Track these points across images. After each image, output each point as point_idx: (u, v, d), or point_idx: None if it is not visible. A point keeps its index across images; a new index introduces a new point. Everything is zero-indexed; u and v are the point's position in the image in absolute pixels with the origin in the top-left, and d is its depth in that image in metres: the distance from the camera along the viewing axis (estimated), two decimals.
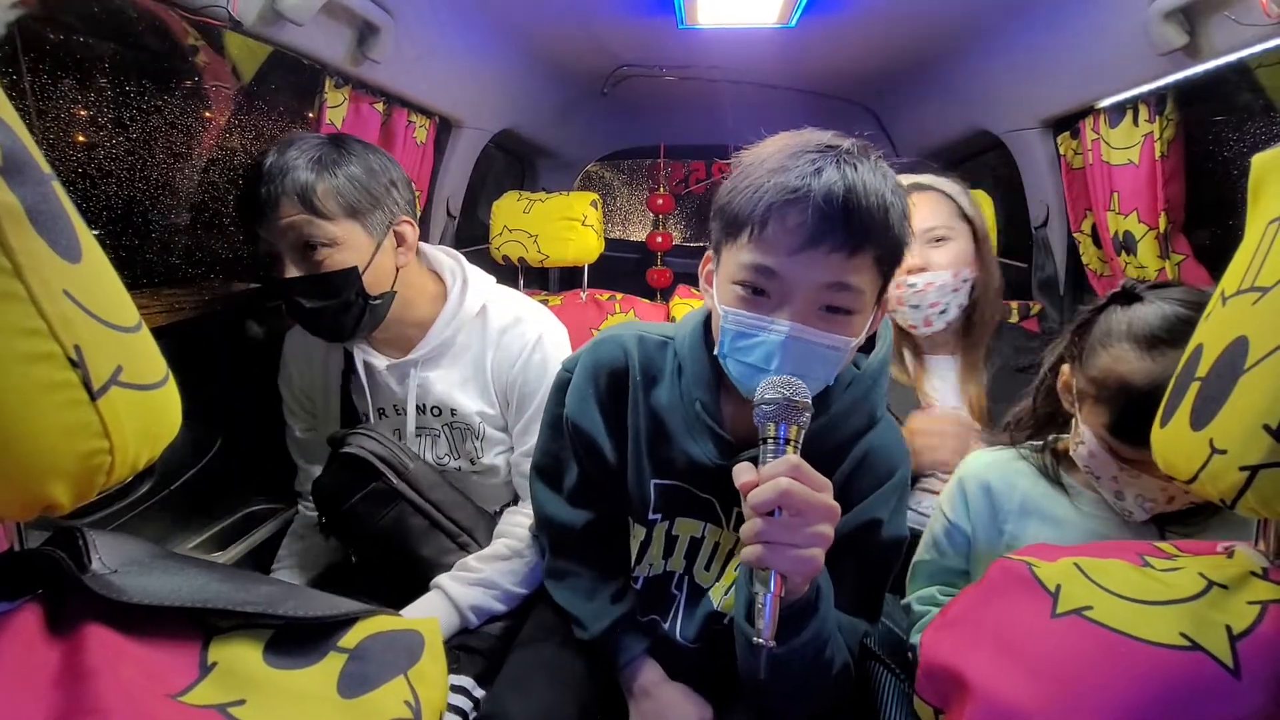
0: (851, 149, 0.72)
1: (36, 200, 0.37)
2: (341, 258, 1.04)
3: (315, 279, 1.04)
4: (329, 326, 1.09)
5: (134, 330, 0.43)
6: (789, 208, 0.70)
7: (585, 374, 0.93)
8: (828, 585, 0.77)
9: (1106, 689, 0.50)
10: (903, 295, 1.30)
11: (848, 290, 0.72)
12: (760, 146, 0.77)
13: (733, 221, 0.75)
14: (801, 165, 0.70)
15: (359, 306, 1.07)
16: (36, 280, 0.35)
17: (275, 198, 1.00)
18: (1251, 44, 1.04)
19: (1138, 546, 0.61)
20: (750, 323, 0.74)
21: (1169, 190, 1.34)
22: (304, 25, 1.10)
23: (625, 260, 3.08)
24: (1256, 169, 0.51)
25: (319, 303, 1.05)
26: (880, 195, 0.70)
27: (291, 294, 1.05)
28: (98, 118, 1.19)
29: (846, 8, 1.47)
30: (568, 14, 1.57)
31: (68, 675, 0.37)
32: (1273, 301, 0.45)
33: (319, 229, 1.02)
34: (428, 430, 1.21)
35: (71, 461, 0.37)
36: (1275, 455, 0.44)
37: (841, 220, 0.69)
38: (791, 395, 0.68)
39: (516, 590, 1.12)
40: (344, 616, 0.46)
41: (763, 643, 0.64)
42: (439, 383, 1.17)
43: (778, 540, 0.64)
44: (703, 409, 0.85)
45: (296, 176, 1.00)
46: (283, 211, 1.01)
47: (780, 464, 0.66)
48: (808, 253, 0.70)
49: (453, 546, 1.16)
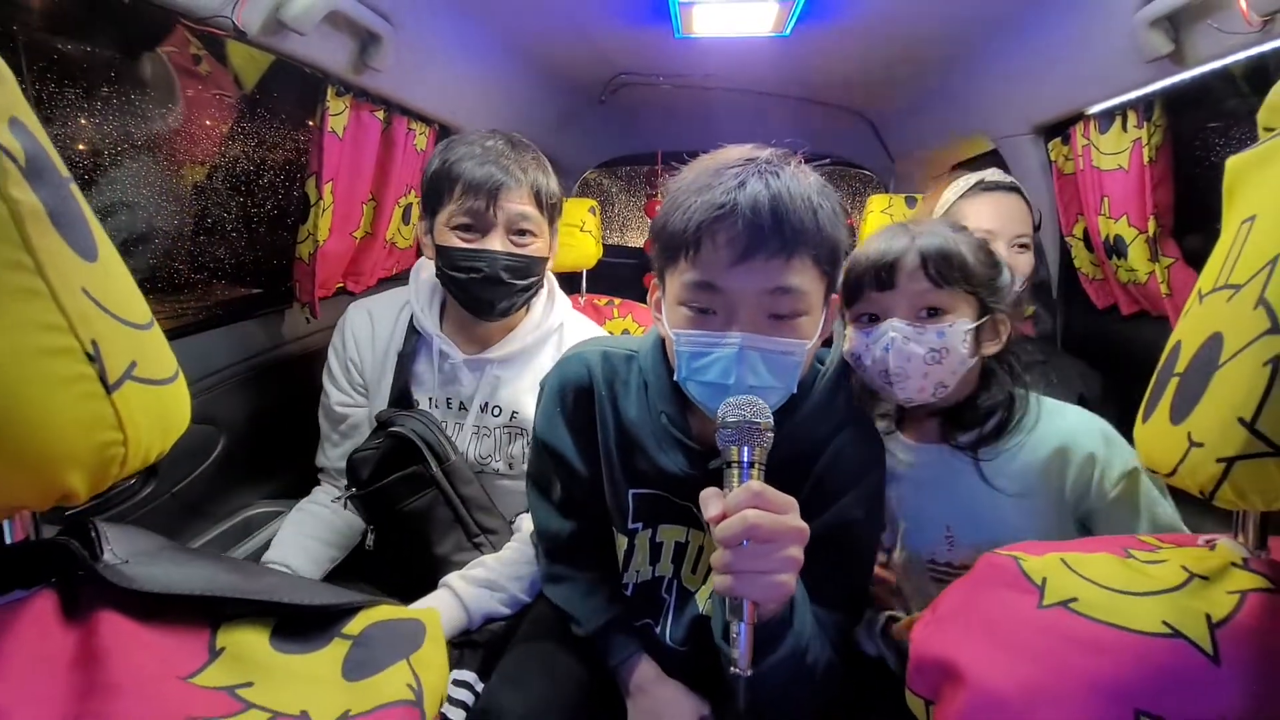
0: (771, 158, 0.74)
1: (57, 202, 0.39)
2: (540, 246, 1.20)
3: (520, 259, 1.17)
4: (502, 302, 1.19)
5: (146, 327, 0.45)
6: (718, 224, 0.71)
7: (551, 393, 0.95)
8: (801, 591, 0.77)
9: (1092, 676, 0.51)
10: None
11: (790, 293, 0.73)
12: (685, 170, 0.78)
13: (669, 246, 0.76)
14: (725, 181, 0.72)
15: (533, 292, 1.23)
16: (57, 277, 0.37)
17: (513, 184, 1.15)
18: (1235, 51, 1.06)
19: (1122, 540, 0.63)
20: (702, 341, 0.75)
21: (1157, 195, 1.36)
22: (307, 35, 1.12)
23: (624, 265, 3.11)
24: (1230, 171, 0.52)
25: (515, 280, 1.18)
26: (806, 198, 0.72)
27: (488, 265, 1.15)
28: (102, 126, 1.20)
29: (840, 18, 1.50)
30: (566, 24, 1.59)
31: (83, 658, 0.38)
32: (1245, 298, 0.47)
33: (536, 220, 1.18)
34: (481, 429, 1.25)
35: (88, 452, 0.39)
36: (1250, 447, 0.45)
37: (772, 227, 0.70)
38: (752, 416, 0.68)
39: (521, 597, 1.14)
40: (348, 605, 0.48)
41: (739, 672, 0.64)
42: (509, 384, 1.24)
43: (747, 569, 0.64)
44: (669, 422, 0.86)
45: (533, 173, 1.17)
46: (517, 196, 1.15)
47: (742, 494, 0.66)
48: (745, 263, 0.72)
49: (469, 545, 1.19)
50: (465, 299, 1.19)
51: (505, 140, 1.18)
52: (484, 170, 1.13)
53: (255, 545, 1.35)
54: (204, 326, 1.32)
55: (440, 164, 1.16)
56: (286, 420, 1.44)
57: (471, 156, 1.14)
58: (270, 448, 1.44)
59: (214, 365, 1.27)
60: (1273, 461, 0.45)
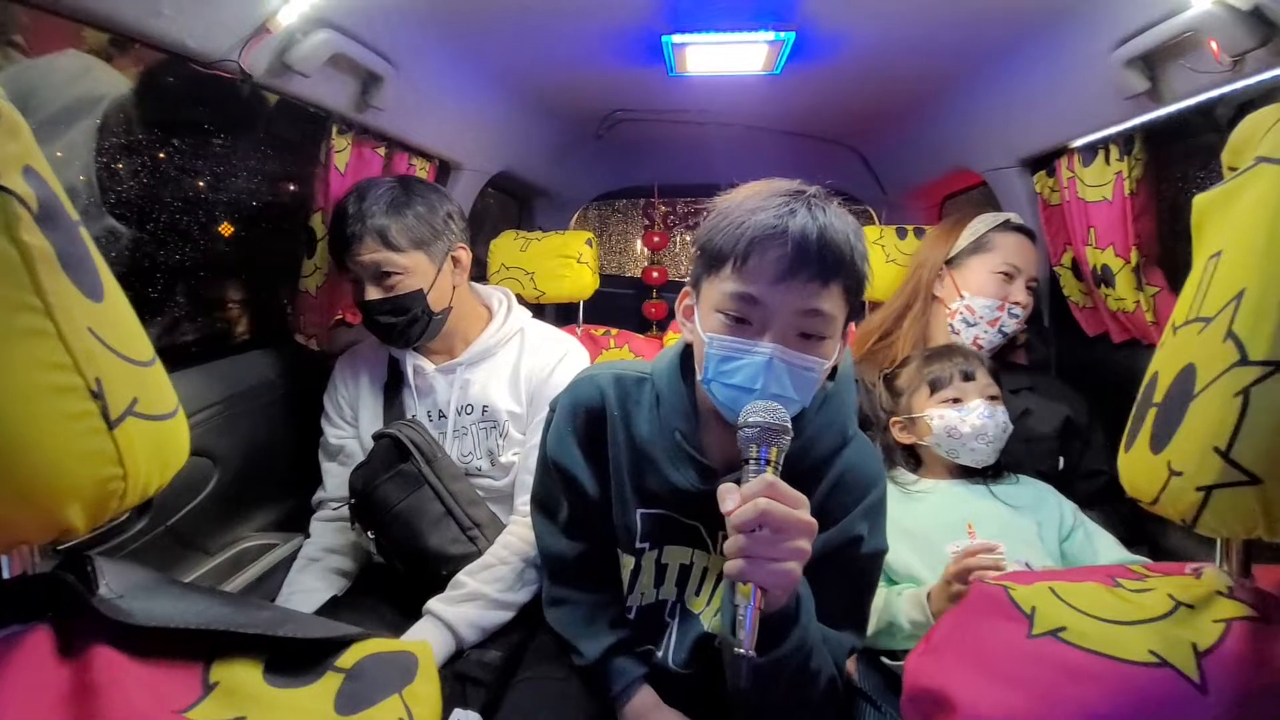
0: (818, 194, 0.81)
1: (66, 244, 0.40)
2: (410, 282, 1.26)
3: (390, 300, 1.26)
4: (400, 336, 1.30)
5: (149, 365, 0.46)
6: (769, 242, 0.77)
7: (564, 414, 0.97)
8: (808, 594, 0.80)
9: (1081, 705, 0.51)
10: (985, 316, 1.46)
11: (821, 316, 0.79)
12: (735, 192, 0.84)
13: (716, 256, 0.81)
14: (777, 206, 0.78)
15: (424, 320, 1.29)
16: (64, 318, 0.38)
17: (360, 237, 1.23)
18: (1209, 89, 1.10)
19: (1110, 570, 0.63)
20: (735, 346, 0.80)
21: (1139, 225, 1.39)
22: (310, 77, 1.15)
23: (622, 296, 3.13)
24: (1197, 209, 0.54)
25: (393, 319, 1.27)
26: (845, 235, 0.79)
27: (371, 313, 1.27)
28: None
29: (827, 57, 1.54)
30: (562, 63, 1.64)
31: (77, 693, 0.38)
32: (1215, 331, 0.48)
33: (392, 261, 1.24)
34: (459, 429, 1.33)
35: (89, 486, 0.40)
36: (1226, 476, 0.46)
37: (816, 254, 0.76)
38: (773, 419, 0.73)
39: (506, 597, 1.15)
40: (340, 639, 0.48)
41: (744, 652, 0.67)
42: (477, 382, 1.35)
43: (758, 554, 0.68)
44: (683, 438, 0.89)
45: (375, 220, 1.23)
46: (365, 248, 1.24)
47: (757, 484, 0.70)
48: (786, 282, 0.77)
49: (462, 537, 1.24)
50: (382, 339, 1.33)
51: (362, 189, 1.27)
52: (338, 232, 1.26)
53: (249, 578, 1.33)
54: (200, 359, 1.33)
55: None
56: (281, 453, 1.44)
57: (340, 221, 1.26)
58: (265, 481, 1.44)
59: (210, 398, 1.28)
60: (1249, 489, 0.46)
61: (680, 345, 0.95)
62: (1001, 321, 1.46)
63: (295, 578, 1.32)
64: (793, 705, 0.81)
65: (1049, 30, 1.30)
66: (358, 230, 1.23)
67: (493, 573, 1.17)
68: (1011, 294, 1.46)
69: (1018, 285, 1.47)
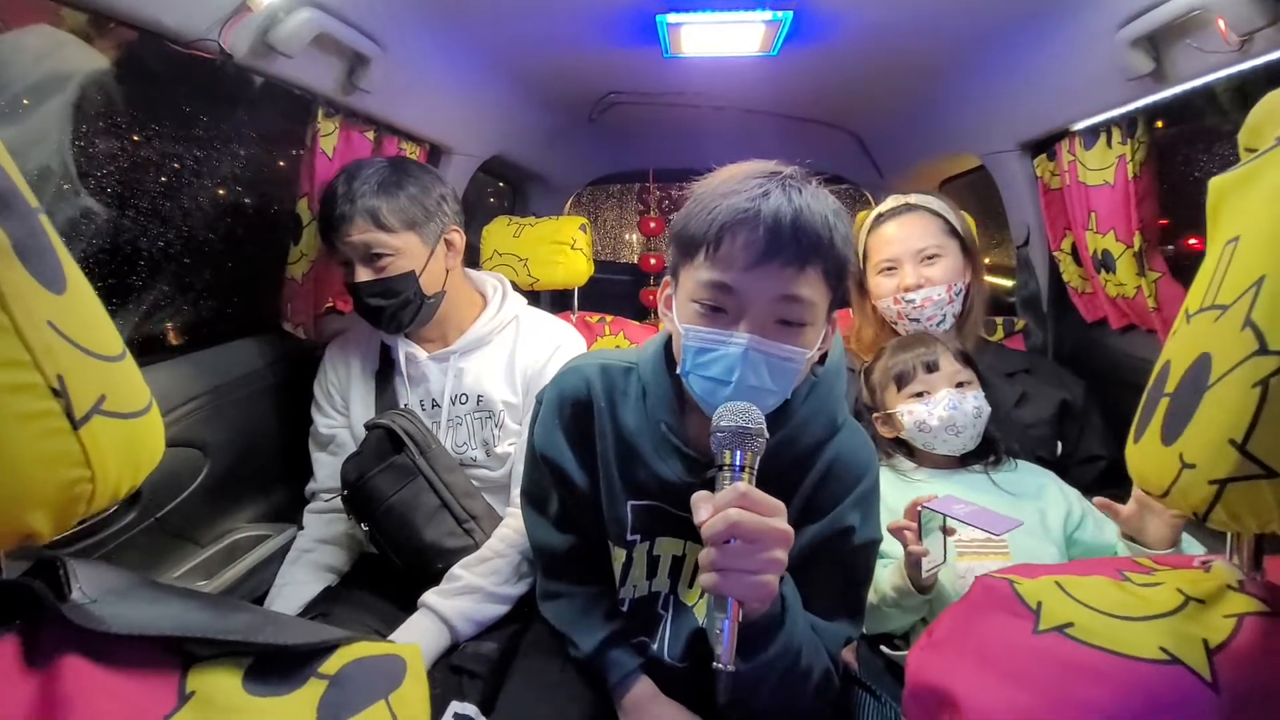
0: (794, 175, 0.77)
1: (23, 234, 0.38)
2: (401, 263, 1.22)
3: (381, 282, 1.22)
4: (392, 320, 1.26)
5: (118, 359, 0.44)
6: (740, 227, 0.74)
7: (550, 406, 0.95)
8: (794, 595, 0.78)
9: (1090, 704, 0.50)
10: (902, 309, 1.39)
11: (799, 302, 0.76)
12: (710, 176, 0.81)
13: (689, 243, 0.79)
14: (750, 189, 0.75)
15: (416, 303, 1.26)
16: (21, 312, 0.36)
17: (350, 217, 1.20)
18: (1215, 69, 1.07)
19: (1117, 563, 0.62)
20: (710, 338, 0.77)
21: (1142, 210, 1.37)
22: (295, 57, 1.12)
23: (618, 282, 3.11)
24: (1213, 192, 0.52)
25: (384, 301, 1.23)
26: (823, 216, 0.75)
27: (361, 295, 1.23)
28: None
29: (826, 38, 1.51)
30: (554, 44, 1.60)
31: (44, 707, 0.36)
32: (1232, 319, 0.47)
33: (383, 242, 1.21)
34: (454, 419, 1.31)
35: (52, 490, 0.37)
36: (1242, 469, 0.45)
37: (790, 237, 0.73)
38: (746, 422, 0.70)
39: (501, 590, 1.15)
40: (324, 644, 0.46)
41: (721, 667, 0.65)
42: (471, 371, 1.32)
43: (731, 567, 0.66)
44: (668, 430, 0.87)
45: (365, 200, 1.20)
46: (355, 228, 1.20)
47: (729, 494, 0.68)
48: (761, 267, 0.74)
49: (458, 530, 1.22)
50: (373, 323, 1.29)
51: (353, 169, 1.24)
52: (328, 212, 1.23)
53: (241, 570, 1.32)
54: (188, 348, 1.30)
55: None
56: (272, 443, 1.42)
57: (330, 202, 1.22)
58: (256, 471, 1.42)
59: (198, 388, 1.25)
60: (1265, 483, 0.44)
61: (665, 335, 0.92)
62: (917, 309, 1.38)
63: (288, 570, 1.30)
64: (785, 705, 0.80)
65: (1052, 9, 1.28)
66: (347, 210, 1.20)
67: (489, 566, 1.16)
68: (902, 281, 1.39)
69: (907, 270, 1.39)
